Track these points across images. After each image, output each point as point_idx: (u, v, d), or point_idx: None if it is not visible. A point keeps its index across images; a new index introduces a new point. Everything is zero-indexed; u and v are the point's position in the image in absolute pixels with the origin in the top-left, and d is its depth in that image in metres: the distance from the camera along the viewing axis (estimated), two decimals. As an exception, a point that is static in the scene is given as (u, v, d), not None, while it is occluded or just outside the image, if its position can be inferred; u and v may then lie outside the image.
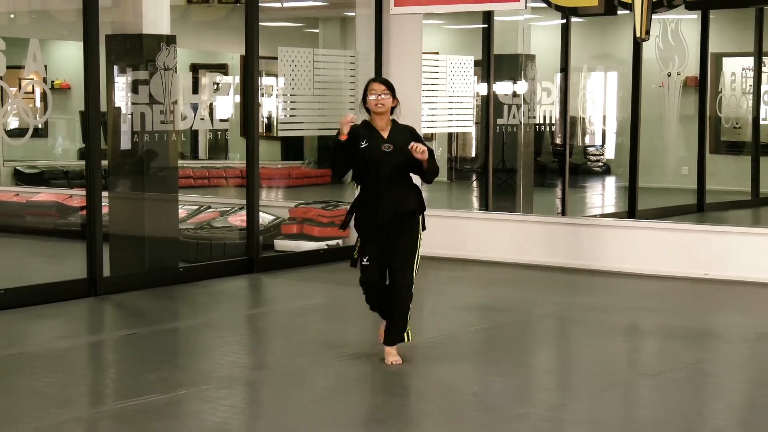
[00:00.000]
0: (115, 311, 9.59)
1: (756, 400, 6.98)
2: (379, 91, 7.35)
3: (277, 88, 12.36)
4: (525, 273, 11.38)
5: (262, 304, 10.50)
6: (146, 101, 10.44)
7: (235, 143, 18.52)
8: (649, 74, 14.62)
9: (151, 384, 6.91)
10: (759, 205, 15.56)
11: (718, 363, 7.83)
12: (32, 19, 13.68)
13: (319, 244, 12.29)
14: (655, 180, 15.68)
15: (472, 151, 17.29)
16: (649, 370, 7.72)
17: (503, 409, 6.44)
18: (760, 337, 8.61)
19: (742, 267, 10.79)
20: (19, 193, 15.32)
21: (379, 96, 7.33)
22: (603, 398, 6.76)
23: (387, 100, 7.35)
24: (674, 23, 14.75)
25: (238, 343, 8.58)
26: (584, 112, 16.66)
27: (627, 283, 10.78)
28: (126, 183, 10.67)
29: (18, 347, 8.08)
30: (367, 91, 7.42)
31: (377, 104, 7.34)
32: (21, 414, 6.29)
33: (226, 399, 6.73)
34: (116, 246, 10.56)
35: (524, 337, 8.78)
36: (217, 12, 15.06)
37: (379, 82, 7.51)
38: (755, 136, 16.20)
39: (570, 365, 8.07)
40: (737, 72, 16.45)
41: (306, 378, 7.16)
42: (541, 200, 14.73)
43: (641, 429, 6.25)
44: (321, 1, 14.93)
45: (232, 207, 13.06)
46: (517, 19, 13.76)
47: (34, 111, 11.85)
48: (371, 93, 7.37)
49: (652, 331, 9.04)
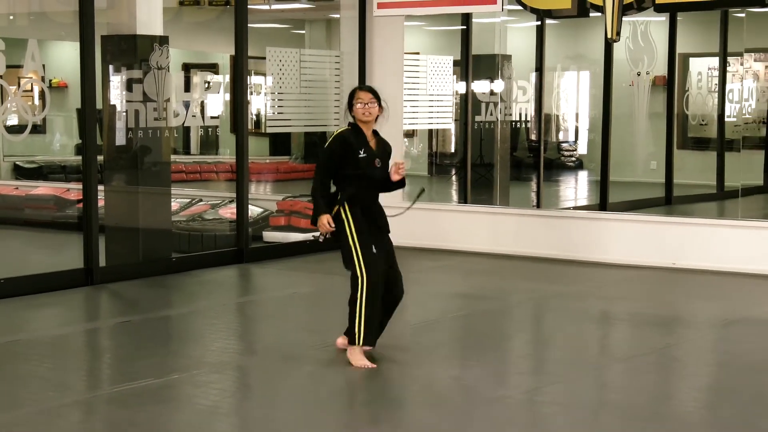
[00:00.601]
0: (110, 300, 9.57)
1: (721, 383, 7.00)
2: (366, 99, 7.13)
3: (265, 87, 12.32)
4: (502, 263, 11.40)
5: (251, 292, 10.49)
6: (140, 99, 10.42)
7: (225, 139, 18.46)
8: (619, 74, 14.65)
9: (145, 369, 6.90)
10: (724, 198, 15.57)
11: (685, 348, 7.85)
12: (31, 21, 13.63)
13: (305, 235, 12.27)
14: (626, 174, 15.68)
15: (452, 147, 17.27)
16: (620, 354, 7.74)
17: (482, 393, 6.45)
18: (726, 323, 8.63)
19: (708, 257, 10.82)
20: (18, 186, 15.28)
21: (366, 105, 7.12)
22: (576, 382, 6.77)
23: (374, 108, 7.15)
24: (644, 25, 14.76)
25: (228, 330, 8.57)
26: (558, 109, 16.65)
27: (599, 273, 10.80)
28: (121, 177, 10.64)
29: (18, 334, 8.05)
30: (354, 99, 7.18)
31: (364, 113, 7.12)
32: (21, 398, 6.28)
33: (216, 383, 6.72)
34: (112, 237, 10.54)
35: (501, 323, 8.79)
36: (208, 14, 15.02)
37: (366, 90, 7.28)
38: (720, 132, 16.23)
39: (545, 350, 8.08)
40: (703, 72, 16.47)
41: (293, 363, 7.15)
42: (517, 193, 14.75)
43: (613, 411, 6.26)
44: (307, 4, 14.92)
45: (222, 200, 13.05)
46: (494, 21, 13.74)
47: (33, 108, 11.81)
48: (358, 101, 7.14)
49: (623, 318, 9.06)
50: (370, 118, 7.16)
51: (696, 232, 11.09)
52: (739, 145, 15.79)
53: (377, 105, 7.17)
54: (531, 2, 11.59)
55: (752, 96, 16.57)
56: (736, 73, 16.10)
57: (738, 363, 7.32)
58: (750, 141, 16.63)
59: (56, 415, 5.98)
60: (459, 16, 13.12)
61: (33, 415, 5.94)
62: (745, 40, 15.09)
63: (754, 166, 16.56)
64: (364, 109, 7.10)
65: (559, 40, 15.81)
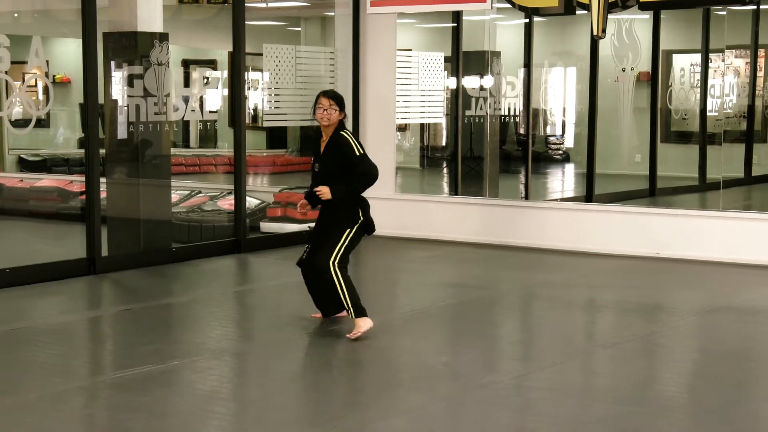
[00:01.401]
0: (112, 288, 9.56)
1: (703, 368, 7.01)
2: (325, 105, 7.30)
3: (262, 82, 12.31)
4: (491, 253, 11.40)
5: (248, 281, 10.48)
6: (141, 94, 10.40)
7: (223, 133, 18.46)
8: (605, 69, 14.65)
9: (146, 355, 6.90)
10: (706, 190, 15.58)
11: (668, 335, 7.86)
12: (34, 18, 13.60)
13: (301, 226, 12.28)
14: (611, 167, 15.69)
15: (443, 141, 17.25)
16: (605, 341, 7.75)
17: (471, 378, 6.45)
18: (707, 311, 8.64)
19: (691, 247, 10.83)
20: (23, 179, 15.25)
21: (325, 110, 7.30)
22: (563, 367, 6.77)
23: (333, 114, 7.31)
24: (628, 22, 14.75)
25: (226, 318, 8.57)
26: (545, 104, 16.64)
27: (585, 262, 10.81)
28: (122, 170, 10.62)
29: (23, 322, 8.04)
30: (316, 103, 7.36)
31: (322, 118, 7.31)
32: (26, 383, 6.28)
33: (215, 369, 6.72)
34: (113, 228, 10.53)
35: (491, 311, 8.79)
36: (207, 11, 14.98)
37: (327, 96, 7.40)
38: (702, 126, 16.24)
39: (533, 337, 8.09)
40: (686, 67, 16.47)
41: (288, 349, 7.15)
42: (506, 185, 14.74)
43: (598, 395, 6.27)
44: (303, 2, 14.89)
45: (221, 192, 13.03)
46: (483, 18, 13.73)
47: (37, 103, 11.78)
48: (319, 107, 7.32)
49: (608, 306, 9.07)
50: (328, 123, 7.33)
51: (679, 223, 11.10)
52: (720, 139, 15.80)
53: (338, 110, 7.32)
54: (519, 0, 11.58)
55: (733, 91, 16.57)
56: (718, 69, 16.10)
57: (719, 349, 7.34)
58: (731, 135, 16.65)
59: (60, 400, 5.97)
60: (450, 14, 13.11)
61: (37, 399, 5.94)
62: (727, 37, 15.10)
63: (735, 159, 16.59)
64: (323, 114, 7.30)
65: (547, 37, 15.80)
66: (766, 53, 17.25)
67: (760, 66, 17.13)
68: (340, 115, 7.36)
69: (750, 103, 16.93)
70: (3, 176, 15.52)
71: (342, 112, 7.38)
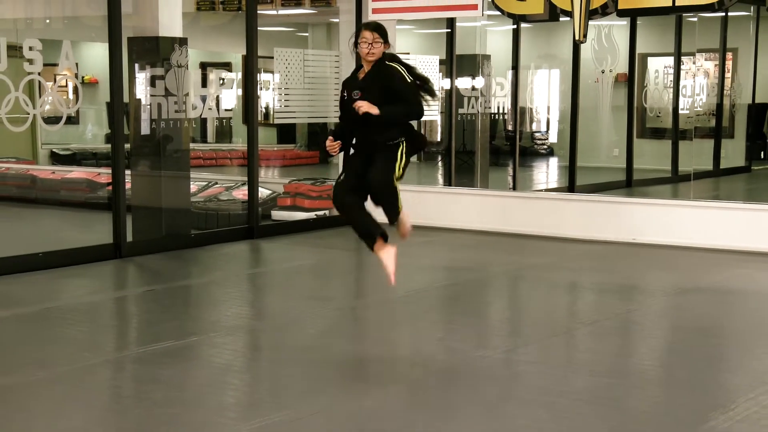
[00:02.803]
0: (136, 271, 9.56)
1: (674, 344, 7.01)
2: (369, 39, 6.35)
3: (273, 83, 12.28)
4: (482, 238, 11.39)
5: (261, 264, 10.48)
6: (162, 93, 10.38)
7: (237, 129, 18.48)
8: (586, 71, 14.62)
9: (168, 332, 6.90)
10: (678, 181, 15.57)
11: (643, 313, 7.86)
12: (65, 24, 13.59)
13: (309, 214, 12.29)
14: (591, 160, 15.68)
15: (438, 136, 17.24)
16: (586, 319, 7.74)
17: (465, 353, 6.45)
18: (679, 291, 8.64)
19: (664, 233, 10.83)
20: (55, 171, 15.24)
21: (369, 44, 6.36)
22: (548, 343, 6.77)
23: (378, 48, 6.37)
24: (607, 28, 14.72)
25: (240, 298, 8.57)
26: (532, 103, 16.60)
27: (567, 247, 10.80)
28: (146, 163, 10.60)
29: (55, 301, 8.05)
30: (359, 38, 6.40)
31: (368, 53, 6.36)
32: (58, 357, 6.27)
33: (230, 344, 6.72)
34: (137, 216, 10.52)
35: (482, 291, 8.79)
36: (222, 18, 14.97)
37: (370, 29, 6.42)
38: (675, 123, 16.23)
39: (520, 315, 8.09)
40: (660, 69, 16.45)
41: (298, 326, 7.15)
42: (496, 177, 14.73)
43: (579, 368, 6.27)
44: (310, 9, 14.88)
45: (235, 183, 13.02)
46: (475, 24, 13.69)
47: (67, 102, 11.75)
48: (363, 42, 6.36)
49: (589, 287, 9.07)
50: (374, 58, 6.40)
51: (653, 211, 11.09)
52: (691, 135, 15.78)
53: (382, 43, 6.39)
54: (508, 8, 11.57)
55: (703, 91, 16.57)
56: (689, 70, 16.09)
57: (690, 327, 7.33)
58: (701, 131, 16.65)
59: (89, 373, 5.97)
60: (444, 21, 13.08)
61: (69, 372, 5.94)
62: (697, 41, 15.10)
63: (704, 152, 16.60)
64: (368, 49, 6.35)
65: (533, 41, 15.77)
66: (733, 56, 17.24)
67: (728, 68, 17.13)
68: (386, 47, 6.41)
69: (718, 102, 16.93)
70: (37, 168, 15.52)
71: (387, 44, 6.42)
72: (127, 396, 5.75)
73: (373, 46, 6.36)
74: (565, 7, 10.97)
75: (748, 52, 17.38)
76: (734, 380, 5.98)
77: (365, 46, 6.36)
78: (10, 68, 9.11)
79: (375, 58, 6.40)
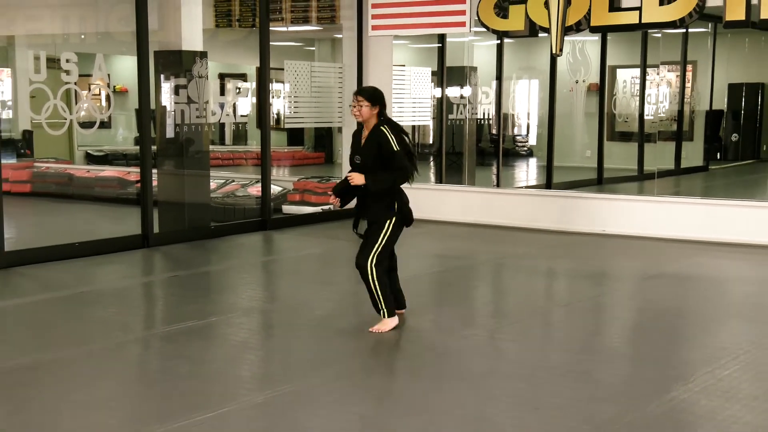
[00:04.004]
0: (162, 259, 9.57)
1: (639, 324, 7.03)
2: (353, 102, 6.24)
3: (283, 92, 12.28)
4: (469, 230, 11.40)
5: (273, 253, 10.49)
6: (185, 101, 10.38)
7: (252, 133, 18.46)
8: (562, 81, 14.62)
9: (190, 313, 6.91)
10: (643, 179, 15.55)
11: (612, 296, 7.88)
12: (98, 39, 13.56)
13: (315, 208, 12.30)
14: (566, 160, 15.66)
15: (430, 139, 17.22)
16: (561, 301, 7.76)
17: (454, 331, 6.46)
18: (644, 277, 8.65)
19: (630, 225, 10.84)
20: (89, 170, 15.24)
21: (354, 107, 6.22)
22: (528, 322, 6.78)
23: (363, 110, 6.18)
24: (581, 43, 14.71)
25: (254, 282, 8.58)
26: (513, 109, 16.60)
27: (545, 238, 10.82)
28: (170, 162, 10.61)
29: (89, 286, 8.06)
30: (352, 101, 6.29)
31: (354, 114, 6.25)
32: (92, 336, 6.29)
33: (246, 324, 6.73)
34: (163, 210, 10.53)
35: (469, 277, 8.80)
36: (238, 34, 14.92)
37: (355, 93, 6.28)
38: (640, 127, 16.21)
39: (503, 298, 8.10)
40: (627, 80, 16.43)
41: (306, 308, 7.16)
42: (481, 176, 14.71)
43: (555, 345, 6.28)
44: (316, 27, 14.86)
45: (250, 180, 13.02)
46: (463, 40, 13.67)
47: (100, 108, 11.75)
48: (351, 104, 6.26)
49: (563, 273, 9.08)
50: (359, 118, 6.24)
51: (621, 206, 11.10)
52: (655, 138, 15.78)
53: (369, 106, 6.19)
54: (492, 25, 11.58)
55: (666, 99, 16.56)
56: (654, 81, 16.08)
57: (654, 308, 7.35)
58: (664, 134, 16.65)
59: (120, 350, 5.99)
60: (436, 36, 13.07)
61: (101, 349, 5.95)
62: (661, 54, 15.08)
63: (667, 154, 16.60)
64: (353, 110, 6.24)
65: (515, 54, 15.75)
66: (692, 68, 17.24)
67: (688, 78, 17.13)
68: (372, 110, 6.19)
69: (679, 109, 16.92)
70: (73, 168, 15.52)
71: (375, 107, 6.19)
72: (155, 370, 5.76)
73: (360, 108, 6.19)
74: (543, 24, 10.98)
75: (706, 65, 17.39)
76: (693, 355, 5.99)
77: (352, 108, 6.25)
78: (49, 78, 9.13)
79: (362, 119, 6.24)
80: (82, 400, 4.94)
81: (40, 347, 5.99)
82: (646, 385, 5.23)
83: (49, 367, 5.56)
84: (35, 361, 5.65)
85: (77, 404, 4.86)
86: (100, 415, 4.69)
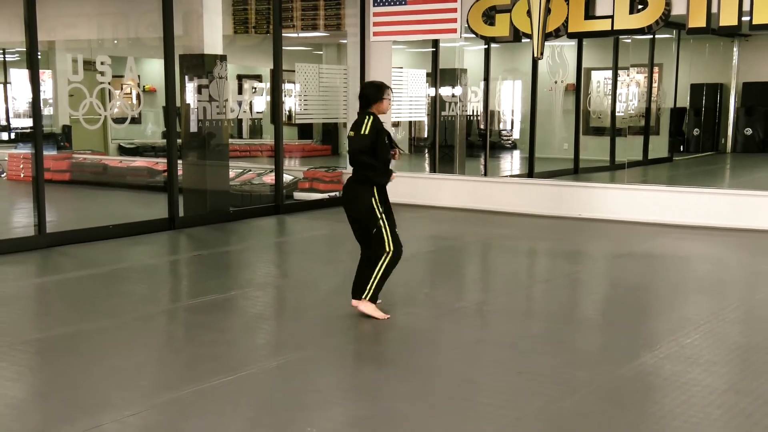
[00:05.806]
0: (187, 240, 9.56)
1: (611, 297, 7.02)
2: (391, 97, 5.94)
3: (294, 91, 12.25)
4: (460, 214, 11.39)
5: (285, 235, 10.47)
6: (207, 99, 10.35)
7: (266, 128, 18.44)
8: (542, 82, 14.58)
9: (212, 287, 6.90)
10: (614, 169, 15.55)
11: (587, 273, 7.87)
12: (129, 43, 13.52)
13: (323, 195, 12.27)
14: (546, 152, 15.64)
15: (425, 133, 17.19)
16: (541, 278, 7.75)
17: (446, 304, 6.46)
18: (616, 256, 8.64)
19: (603, 210, 10.83)
20: (122, 161, 15.22)
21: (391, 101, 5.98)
22: (512, 296, 6.78)
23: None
24: (559, 47, 14.67)
25: (269, 261, 8.57)
26: (499, 107, 16.59)
27: (527, 221, 10.80)
28: (194, 154, 10.59)
29: (122, 263, 8.05)
30: (384, 94, 5.85)
31: (389, 108, 6.00)
32: (124, 308, 6.28)
33: (261, 297, 6.73)
34: (188, 196, 10.52)
35: (460, 256, 8.80)
36: (254, 39, 14.87)
37: (391, 89, 5.98)
38: (612, 123, 16.20)
39: (490, 274, 8.09)
40: (601, 80, 16.41)
41: (315, 284, 7.16)
42: (471, 166, 14.69)
43: (537, 316, 6.28)
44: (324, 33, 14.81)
45: (265, 170, 13.01)
46: (454, 44, 13.62)
47: (132, 106, 11.73)
48: (387, 97, 5.86)
49: (543, 252, 9.07)
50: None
51: (595, 193, 11.08)
52: (625, 132, 15.77)
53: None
54: (480, 31, 11.53)
55: (635, 98, 16.54)
56: (624, 81, 16.05)
57: (625, 284, 7.34)
58: (633, 129, 16.64)
59: (149, 320, 5.98)
60: (430, 41, 13.02)
61: (133, 320, 5.94)
62: (631, 57, 15.03)
63: (636, 146, 16.58)
64: (391, 105, 5.88)
65: (500, 58, 15.70)
66: (659, 70, 17.20)
67: (655, 79, 17.09)
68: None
69: (647, 106, 16.89)
70: (107, 158, 15.50)
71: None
72: (180, 338, 5.76)
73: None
74: (526, 31, 10.94)
75: (671, 67, 17.36)
76: (659, 326, 5.99)
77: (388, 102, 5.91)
78: (85, 79, 9.10)
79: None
80: (117, 365, 4.94)
81: (78, 318, 5.98)
82: (617, 352, 5.23)
83: (87, 336, 5.55)
84: (75, 331, 5.64)
85: (112, 369, 4.86)
86: (133, 378, 4.69)
